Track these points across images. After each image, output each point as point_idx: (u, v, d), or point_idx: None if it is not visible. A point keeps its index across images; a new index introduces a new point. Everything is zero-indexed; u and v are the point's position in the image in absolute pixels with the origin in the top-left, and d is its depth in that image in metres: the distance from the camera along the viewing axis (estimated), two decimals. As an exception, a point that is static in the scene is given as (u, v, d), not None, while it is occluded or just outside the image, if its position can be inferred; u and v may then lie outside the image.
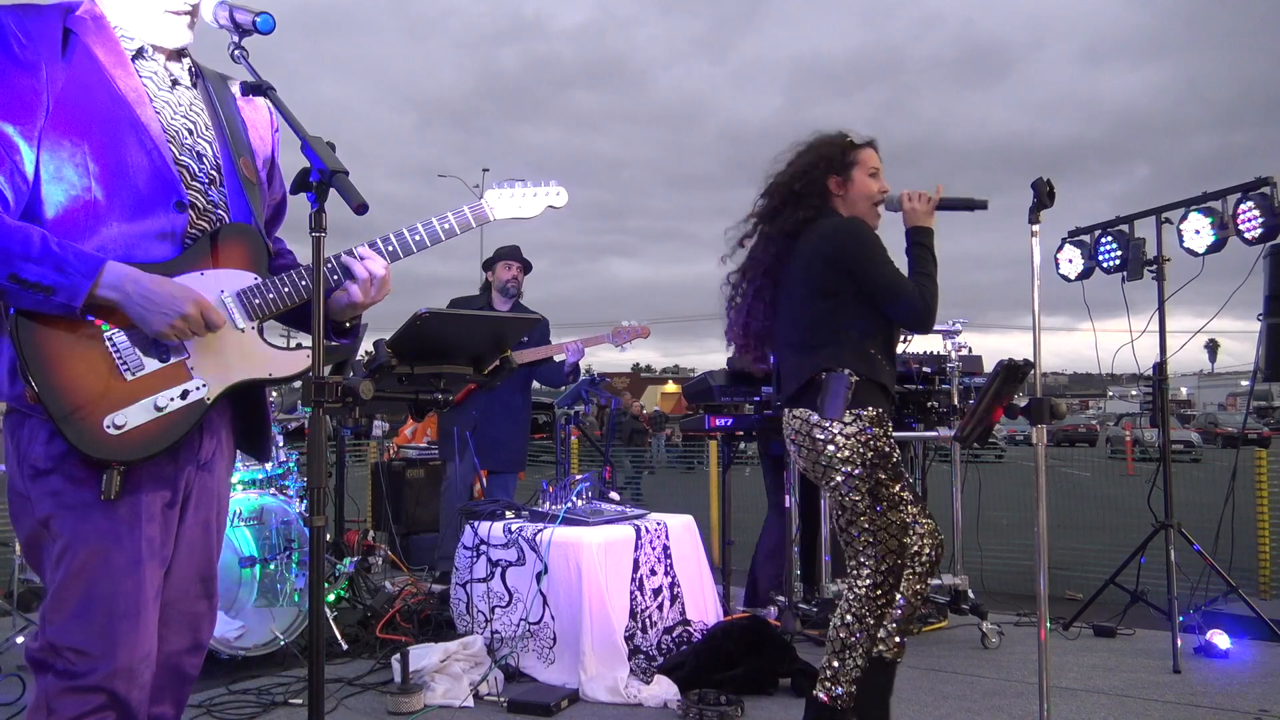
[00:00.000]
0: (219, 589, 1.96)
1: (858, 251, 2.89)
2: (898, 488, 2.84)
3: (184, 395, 1.74)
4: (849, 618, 2.82)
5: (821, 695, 2.84)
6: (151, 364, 1.73)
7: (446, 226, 1.96)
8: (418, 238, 1.94)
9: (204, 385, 1.77)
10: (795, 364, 2.95)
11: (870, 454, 2.81)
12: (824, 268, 2.91)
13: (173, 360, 1.75)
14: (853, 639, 2.80)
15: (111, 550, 1.67)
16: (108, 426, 1.66)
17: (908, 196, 2.95)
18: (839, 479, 2.84)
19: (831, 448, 2.82)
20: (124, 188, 1.72)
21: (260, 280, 1.84)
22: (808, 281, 2.94)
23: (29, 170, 1.67)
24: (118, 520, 1.68)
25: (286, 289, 1.85)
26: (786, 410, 2.98)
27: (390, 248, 1.93)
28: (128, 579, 1.69)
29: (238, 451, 2.04)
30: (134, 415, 1.69)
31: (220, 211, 1.86)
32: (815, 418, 2.84)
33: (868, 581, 2.80)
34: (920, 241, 2.93)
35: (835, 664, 2.83)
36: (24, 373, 1.63)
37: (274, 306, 1.85)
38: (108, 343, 1.70)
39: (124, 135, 1.73)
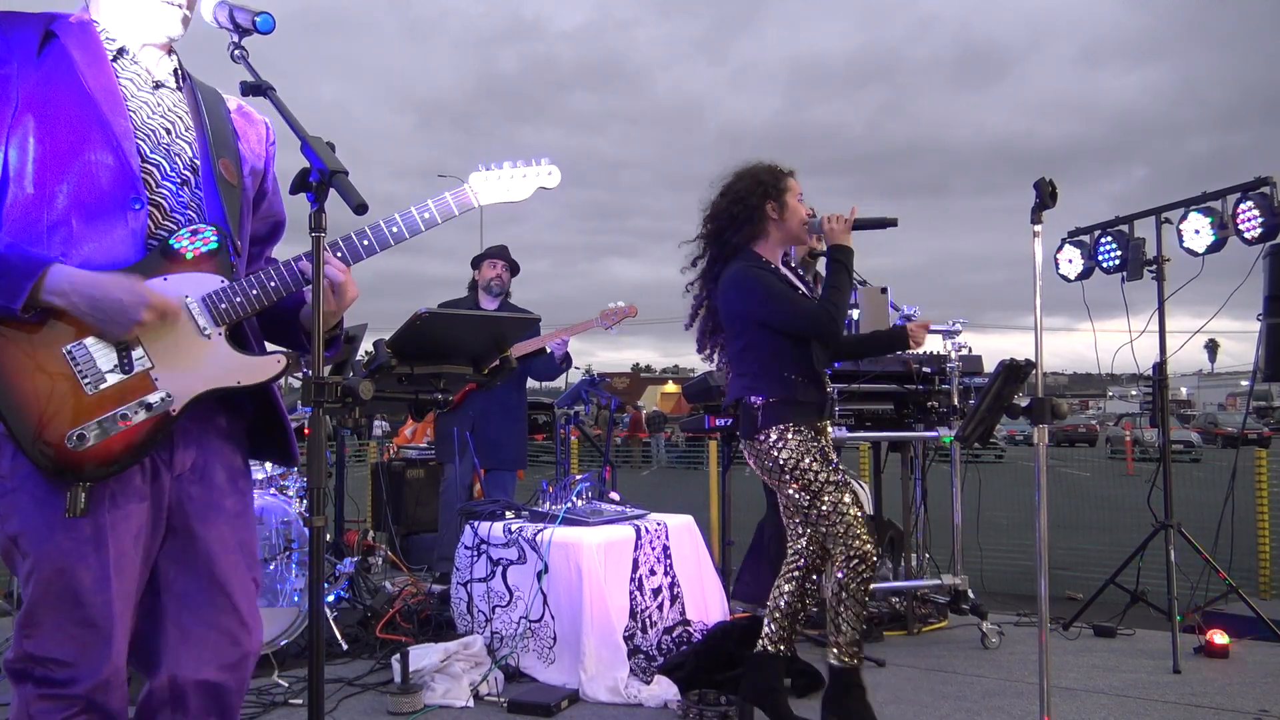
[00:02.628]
0: None
1: (751, 303, 3.23)
2: (828, 474, 3.13)
3: (148, 407, 1.69)
4: (835, 587, 3.15)
5: (833, 660, 3.18)
6: (114, 377, 1.67)
7: (427, 216, 1.85)
8: (395, 229, 1.84)
9: (169, 396, 1.71)
10: (732, 392, 3.36)
11: (790, 458, 3.13)
12: (732, 319, 3.30)
13: (136, 371, 1.69)
14: (842, 605, 3.13)
15: (77, 568, 1.64)
16: (69, 442, 1.61)
17: (827, 219, 3.27)
18: (777, 485, 3.23)
19: (764, 459, 3.22)
20: (87, 186, 1.69)
21: (227, 284, 1.78)
22: (728, 326, 3.34)
23: None
24: (81, 539, 1.65)
25: (255, 291, 1.78)
26: None
27: (365, 242, 1.84)
28: (97, 596, 1.65)
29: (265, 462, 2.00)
30: (96, 429, 1.64)
31: (191, 212, 1.82)
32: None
33: (841, 559, 3.12)
34: (837, 258, 3.25)
35: (834, 631, 3.17)
36: None
37: (242, 310, 1.78)
38: (66, 356, 1.65)
39: (89, 134, 1.70)
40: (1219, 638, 4.32)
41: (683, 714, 3.39)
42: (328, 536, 3.85)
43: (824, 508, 3.11)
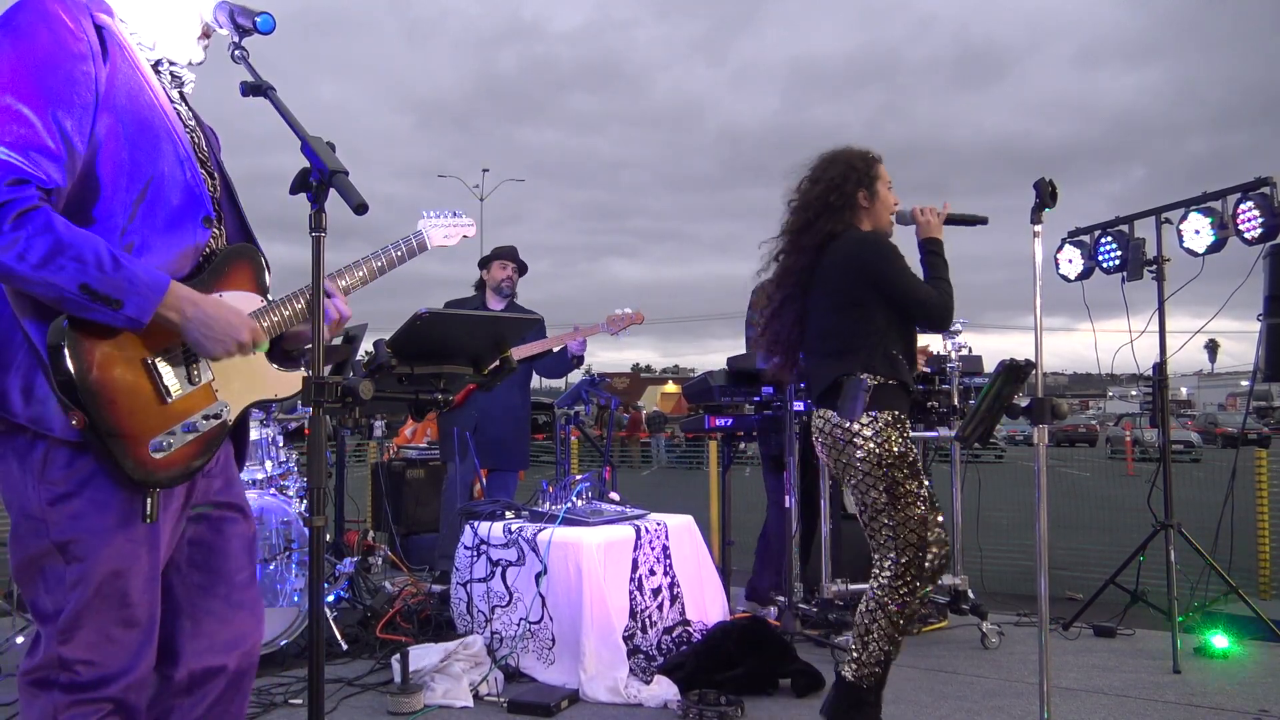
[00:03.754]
0: None
1: (881, 263, 3.09)
2: (914, 485, 3.00)
3: (214, 417, 1.76)
4: (872, 604, 3.01)
5: (848, 674, 3.03)
6: (186, 387, 1.73)
7: (399, 254, 2.16)
8: (379, 264, 2.11)
9: (227, 406, 1.78)
10: (822, 369, 3.15)
11: (886, 454, 2.97)
12: (850, 280, 3.10)
13: (201, 383, 1.75)
14: (875, 625, 2.99)
15: (132, 570, 1.67)
16: (154, 450, 1.66)
17: (920, 211, 3.21)
18: (859, 477, 3.01)
19: (851, 447, 3.00)
20: (159, 199, 1.71)
21: (266, 304, 1.86)
22: (834, 293, 3.13)
23: (80, 169, 1.64)
24: (138, 541, 1.68)
25: (288, 312, 1.88)
26: (814, 411, 3.19)
27: (361, 274, 2.06)
28: (145, 595, 1.69)
29: None
30: (175, 438, 1.69)
31: (223, 228, 1.87)
32: (836, 419, 3.05)
33: (889, 573, 3.00)
34: (933, 250, 3.18)
35: (860, 647, 3.02)
36: (74, 398, 1.59)
37: (279, 327, 1.86)
38: (149, 367, 1.68)
39: (161, 144, 1.72)
40: (1219, 638, 4.32)
41: (683, 714, 3.39)
42: (328, 536, 3.85)
43: (898, 517, 2.96)
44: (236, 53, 1.80)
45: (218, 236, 1.84)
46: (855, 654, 3.02)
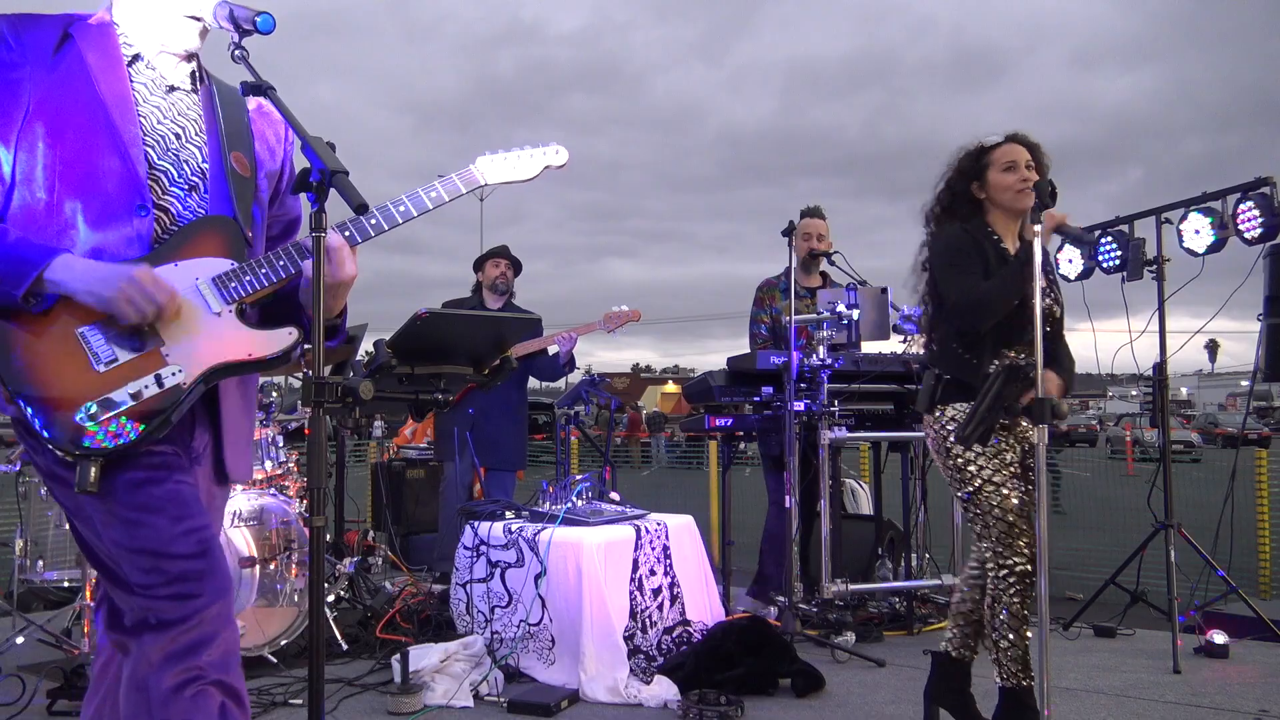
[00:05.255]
0: None
1: (934, 262, 3.14)
2: (994, 477, 2.93)
3: (159, 382, 1.74)
4: (989, 600, 2.96)
5: (998, 680, 2.99)
6: (125, 355, 1.73)
7: (434, 195, 1.92)
8: (403, 209, 1.90)
9: (180, 370, 1.75)
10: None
11: (947, 443, 3.00)
12: (927, 280, 3.19)
13: (148, 349, 1.75)
14: (997, 621, 2.94)
15: (156, 513, 1.71)
16: (79, 418, 1.67)
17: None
18: (939, 465, 3.10)
19: (935, 441, 3.08)
20: (94, 192, 1.74)
21: (236, 265, 1.83)
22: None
23: (5, 172, 1.71)
24: (117, 507, 1.71)
25: (263, 270, 1.83)
26: None
27: (374, 221, 1.89)
28: (186, 543, 1.71)
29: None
30: (106, 405, 1.69)
31: (199, 216, 1.86)
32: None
33: (990, 564, 2.94)
34: (1017, 255, 3.00)
35: (997, 651, 2.96)
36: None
37: (250, 288, 1.82)
38: (79, 338, 1.71)
39: (97, 139, 1.75)
40: (1219, 638, 4.32)
41: (683, 714, 3.39)
42: (328, 537, 3.85)
43: (981, 505, 2.93)
44: (236, 53, 1.80)
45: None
46: (991, 655, 2.97)
